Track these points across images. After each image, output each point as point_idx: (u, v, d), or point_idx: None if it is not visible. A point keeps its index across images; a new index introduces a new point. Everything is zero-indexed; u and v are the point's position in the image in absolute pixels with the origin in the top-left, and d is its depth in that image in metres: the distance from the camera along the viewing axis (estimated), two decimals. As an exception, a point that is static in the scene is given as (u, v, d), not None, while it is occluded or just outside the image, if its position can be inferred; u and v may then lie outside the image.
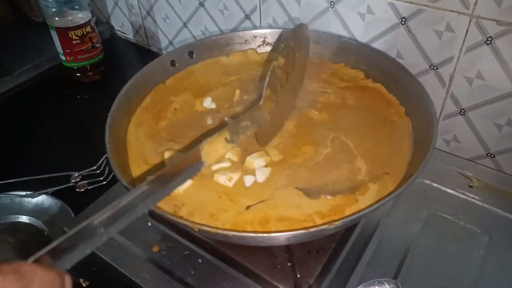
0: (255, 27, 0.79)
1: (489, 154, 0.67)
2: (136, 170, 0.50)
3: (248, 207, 0.44)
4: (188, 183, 0.47)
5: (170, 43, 1.00)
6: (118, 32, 1.11)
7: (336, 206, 0.44)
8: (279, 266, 0.49)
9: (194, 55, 0.66)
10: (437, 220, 0.58)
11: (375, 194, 0.45)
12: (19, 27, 1.07)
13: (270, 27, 0.76)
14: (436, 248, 0.54)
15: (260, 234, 0.37)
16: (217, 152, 0.41)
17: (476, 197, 0.60)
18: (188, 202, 0.45)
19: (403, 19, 0.63)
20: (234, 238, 0.40)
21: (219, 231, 0.37)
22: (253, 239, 0.40)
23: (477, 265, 0.52)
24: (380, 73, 0.63)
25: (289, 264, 0.49)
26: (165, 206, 0.44)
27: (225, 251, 0.51)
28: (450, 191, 0.61)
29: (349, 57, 0.66)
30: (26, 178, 0.68)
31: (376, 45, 0.67)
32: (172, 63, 0.64)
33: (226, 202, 0.45)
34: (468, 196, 0.61)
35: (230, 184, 0.47)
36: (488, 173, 0.64)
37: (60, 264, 0.31)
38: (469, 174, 0.64)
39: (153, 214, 0.55)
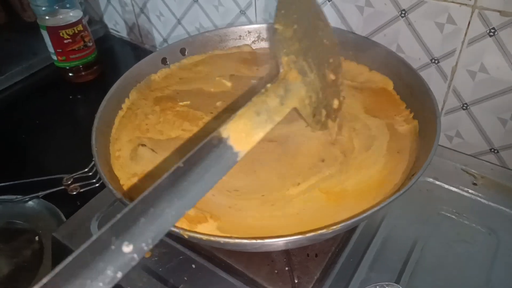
0: (250, 23, 0.77)
1: (492, 150, 0.64)
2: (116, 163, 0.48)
3: None
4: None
5: (165, 40, 0.97)
6: (111, 30, 1.09)
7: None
8: (276, 271, 0.47)
9: (186, 52, 0.64)
10: (441, 220, 0.55)
11: None
12: (11, 28, 1.06)
13: (266, 22, 0.74)
14: (441, 249, 0.52)
15: (255, 241, 0.35)
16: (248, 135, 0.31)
17: (481, 195, 0.58)
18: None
19: (403, 12, 0.61)
20: (227, 245, 0.38)
21: (211, 238, 0.35)
22: (249, 245, 0.38)
23: (486, 267, 0.50)
24: (381, 67, 0.60)
25: (287, 268, 0.47)
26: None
27: (220, 256, 0.49)
28: (454, 189, 0.59)
29: (347, 51, 0.63)
30: (17, 182, 0.66)
31: (376, 39, 0.65)
32: (164, 61, 0.61)
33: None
34: (472, 194, 0.59)
35: None
36: (493, 170, 0.62)
37: None
38: (473, 171, 0.61)
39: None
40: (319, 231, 0.36)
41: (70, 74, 0.91)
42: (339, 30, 0.66)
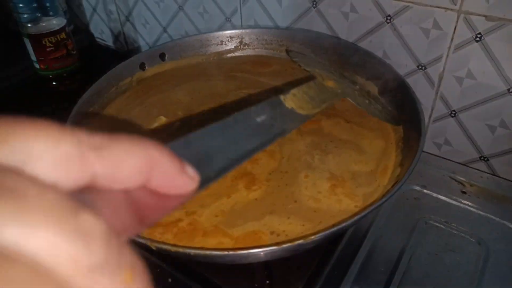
0: (234, 28, 0.76)
1: (482, 158, 0.63)
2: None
3: None
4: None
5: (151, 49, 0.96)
6: (97, 39, 1.07)
7: None
8: (256, 285, 0.45)
9: (166, 58, 0.62)
10: (429, 230, 0.54)
11: None
12: (-5, 36, 1.04)
13: (249, 28, 0.73)
14: (429, 260, 0.50)
15: (227, 252, 0.33)
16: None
17: (470, 203, 0.57)
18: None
19: (388, 17, 0.60)
20: (197, 257, 0.36)
21: (180, 250, 0.33)
22: (221, 258, 0.36)
23: (476, 278, 0.48)
24: (365, 73, 0.59)
25: (267, 282, 0.45)
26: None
27: (198, 269, 0.46)
28: (443, 198, 0.57)
29: (331, 56, 0.62)
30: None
31: (362, 46, 0.64)
32: (142, 66, 0.60)
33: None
34: (461, 202, 0.57)
35: None
36: (482, 178, 0.61)
37: None
38: (462, 179, 0.60)
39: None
40: (296, 242, 0.34)
41: (54, 83, 0.89)
42: (323, 34, 0.65)
